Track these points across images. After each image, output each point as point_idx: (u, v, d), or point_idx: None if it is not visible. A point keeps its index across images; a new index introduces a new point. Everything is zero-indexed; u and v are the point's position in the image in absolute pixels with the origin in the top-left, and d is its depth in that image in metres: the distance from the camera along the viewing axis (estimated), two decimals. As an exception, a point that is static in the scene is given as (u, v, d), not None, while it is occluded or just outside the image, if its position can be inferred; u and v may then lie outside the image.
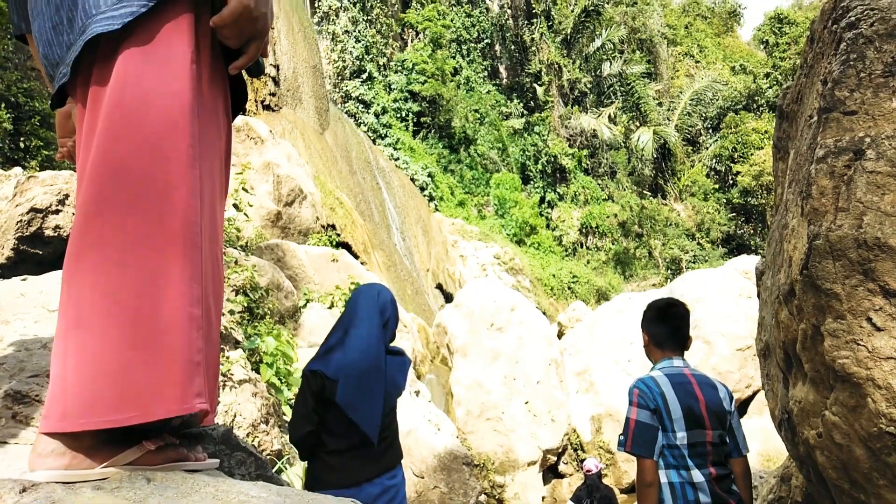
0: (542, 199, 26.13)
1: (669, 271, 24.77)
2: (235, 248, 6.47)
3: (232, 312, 4.86)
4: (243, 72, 1.24)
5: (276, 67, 14.92)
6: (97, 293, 1.02)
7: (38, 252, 3.60)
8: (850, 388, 1.48)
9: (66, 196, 3.72)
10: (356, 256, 11.58)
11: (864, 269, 1.44)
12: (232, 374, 3.98)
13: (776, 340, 2.05)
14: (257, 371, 4.67)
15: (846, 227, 1.47)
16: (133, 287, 1.02)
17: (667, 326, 2.40)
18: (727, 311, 10.48)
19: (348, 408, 2.12)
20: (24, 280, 2.53)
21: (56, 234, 3.63)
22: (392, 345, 2.44)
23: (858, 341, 1.45)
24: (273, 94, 14.67)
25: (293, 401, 5.06)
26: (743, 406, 9.81)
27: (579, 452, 9.69)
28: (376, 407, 2.19)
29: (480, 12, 27.55)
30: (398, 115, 22.00)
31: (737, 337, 10.05)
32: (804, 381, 1.84)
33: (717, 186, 29.01)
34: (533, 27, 27.89)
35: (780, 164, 2.54)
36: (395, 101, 21.96)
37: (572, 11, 28.29)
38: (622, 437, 2.25)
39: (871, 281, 1.43)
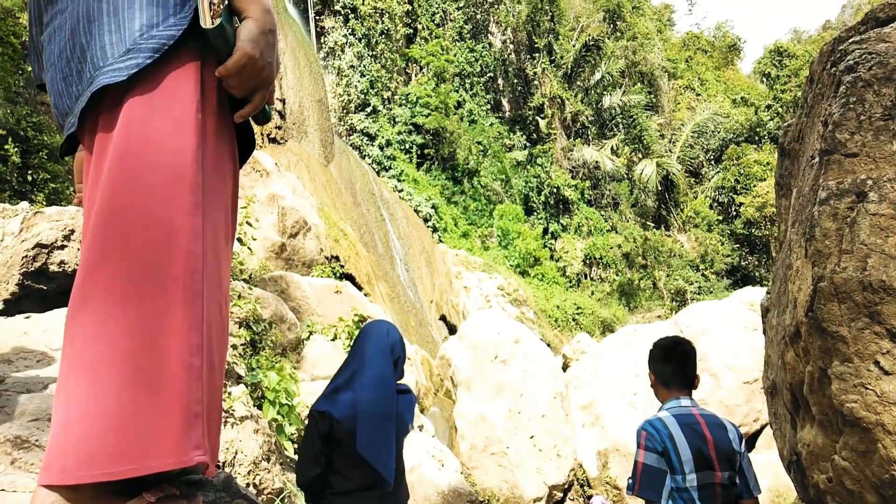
0: (545, 231, 26.17)
1: (674, 303, 24.64)
2: (239, 281, 6.47)
3: (234, 347, 4.84)
4: (250, 119, 1.25)
5: (283, 101, 15.14)
6: (98, 342, 1.02)
7: (42, 287, 3.60)
8: (860, 432, 1.45)
9: (72, 231, 3.74)
10: (360, 288, 11.57)
11: (871, 312, 1.43)
12: (234, 411, 3.94)
13: (783, 381, 2.03)
14: (259, 407, 4.63)
15: (851, 270, 1.46)
16: (134, 337, 1.02)
17: (673, 365, 2.37)
18: (733, 343, 10.37)
19: (365, 451, 2.08)
20: (27, 318, 2.53)
21: (61, 270, 3.64)
22: (399, 382, 2.42)
23: (866, 385, 1.43)
24: (279, 128, 14.85)
25: (295, 436, 5.00)
26: (751, 440, 9.65)
27: (586, 488, 9.51)
28: (391, 448, 2.16)
29: (483, 47, 28.01)
30: (402, 148, 22.21)
31: (743, 370, 9.93)
32: (812, 423, 1.81)
33: (720, 218, 29.03)
34: (535, 61, 28.33)
35: (783, 200, 2.54)
36: (399, 133, 22.20)
37: (573, 46, 28.76)
38: (630, 481, 2.21)
39: (877, 324, 1.42)
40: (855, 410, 1.47)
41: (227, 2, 1.13)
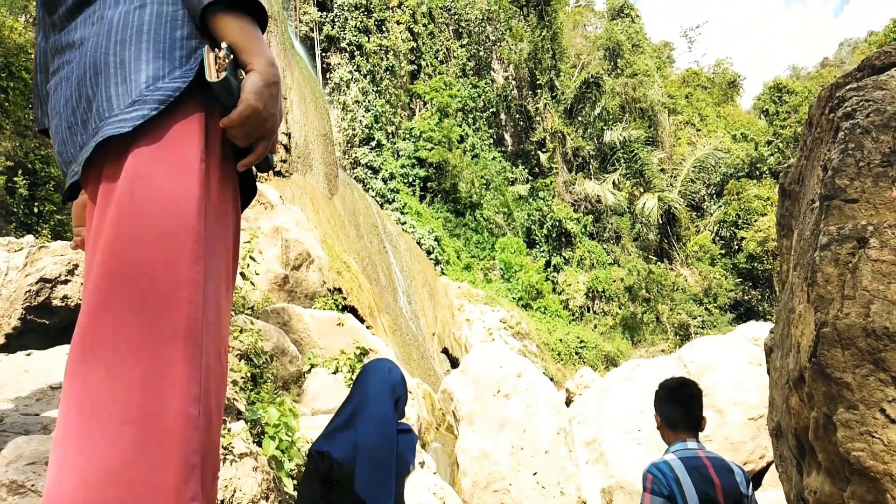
0: (547, 263, 26.18)
1: (678, 337, 24.50)
2: (242, 314, 6.46)
3: (235, 382, 4.81)
4: (252, 166, 1.27)
5: (288, 135, 15.34)
6: (97, 391, 1.02)
7: (44, 322, 3.61)
8: (868, 482, 1.43)
9: (76, 266, 3.76)
10: (362, 320, 11.54)
11: (875, 359, 1.42)
12: (233, 448, 3.90)
13: (787, 426, 2.01)
14: (259, 443, 4.58)
15: (853, 316, 1.46)
16: (133, 387, 1.02)
17: (679, 407, 2.35)
18: (738, 379, 10.27)
19: (364, 492, 2.05)
20: (28, 355, 2.52)
21: (64, 304, 3.65)
22: (400, 422, 2.39)
23: (873, 433, 1.41)
24: (284, 161, 15.01)
25: (294, 472, 4.94)
26: (758, 477, 9.48)
27: (589, 528, 9.31)
28: (390, 490, 2.12)
29: (486, 83, 28.45)
30: (406, 181, 22.40)
31: (749, 406, 9.81)
32: (819, 470, 1.79)
33: (722, 252, 29.05)
34: (537, 97, 28.75)
35: (785, 240, 2.55)
36: (402, 167, 22.41)
37: (574, 82, 29.24)
38: None
39: (882, 371, 1.41)
40: (862, 459, 1.45)
41: (232, 56, 1.16)
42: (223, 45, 1.16)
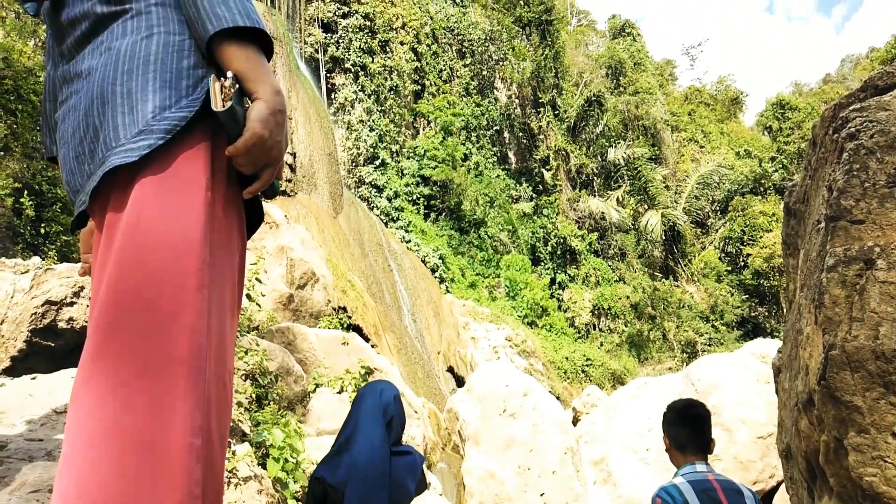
0: (552, 281, 26.12)
1: (685, 354, 24.34)
2: (246, 334, 6.46)
3: (240, 405, 4.79)
4: (258, 193, 1.28)
5: (293, 155, 15.45)
6: (101, 422, 1.02)
7: (50, 344, 3.61)
8: (881, 508, 1.41)
9: (82, 288, 3.78)
10: (367, 339, 11.52)
11: (885, 382, 1.40)
12: (237, 471, 3.87)
13: (797, 449, 1.98)
14: (263, 465, 4.55)
15: (862, 338, 1.45)
16: (137, 415, 1.02)
17: (687, 429, 2.33)
18: (746, 396, 10.16)
19: None
20: (33, 379, 2.52)
21: (69, 327, 3.66)
22: (404, 444, 2.37)
23: (885, 458, 1.39)
24: (289, 181, 15.10)
25: (299, 493, 4.90)
26: (767, 498, 9.34)
27: (598, 550, 9.18)
28: None
29: (489, 102, 28.64)
30: (410, 199, 22.47)
31: (757, 424, 9.69)
32: (830, 495, 1.76)
33: (728, 268, 28.95)
34: (540, 116, 28.92)
35: (791, 259, 2.54)
36: (407, 185, 22.50)
37: (576, 101, 29.41)
38: None
39: (892, 394, 1.39)
40: (875, 485, 1.43)
41: (237, 85, 1.17)
42: (229, 74, 1.17)
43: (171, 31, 1.22)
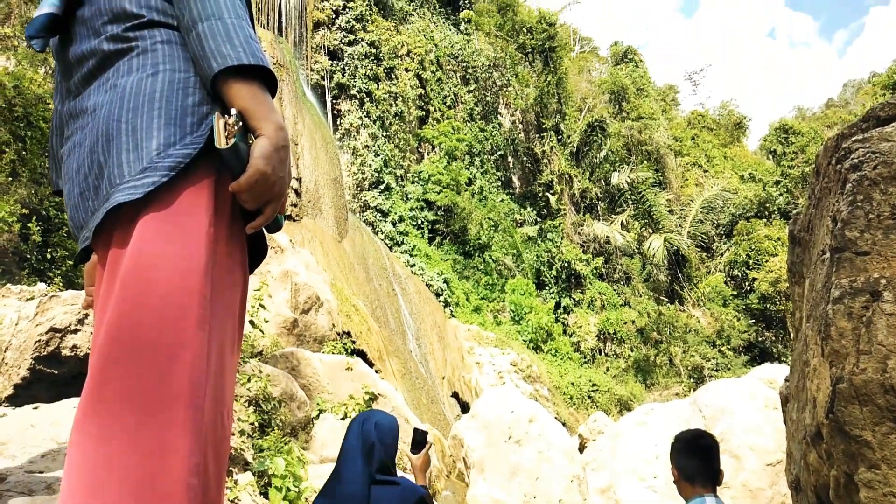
0: (557, 305, 26.02)
1: (692, 380, 24.11)
2: (250, 360, 6.44)
3: (243, 433, 4.76)
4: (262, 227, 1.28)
5: (299, 180, 15.55)
6: (100, 460, 1.02)
7: (53, 372, 3.60)
8: (894, 546, 1.38)
9: (86, 315, 3.78)
10: (371, 364, 11.46)
11: (895, 416, 1.38)
12: (239, 501, 3.83)
13: (807, 482, 1.95)
14: (265, 495, 4.50)
15: (870, 372, 1.43)
16: (134, 456, 1.02)
17: (696, 460, 2.30)
18: (754, 423, 10.03)
19: None
20: (35, 408, 2.51)
21: (73, 354, 3.65)
22: (401, 475, 2.34)
23: (897, 495, 1.37)
24: (295, 205, 15.18)
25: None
26: (779, 528, 9.16)
27: (606, 582, 8.99)
28: None
29: (493, 127, 28.87)
30: (414, 224, 22.53)
31: (766, 451, 9.54)
32: (843, 531, 1.73)
33: (734, 293, 28.80)
34: (543, 140, 29.12)
35: (797, 287, 2.53)
36: (411, 209, 22.58)
37: (580, 126, 29.65)
38: None
39: (903, 429, 1.37)
40: (887, 522, 1.40)
41: (241, 122, 1.18)
42: (233, 111, 1.19)
43: (176, 68, 1.24)
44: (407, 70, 24.21)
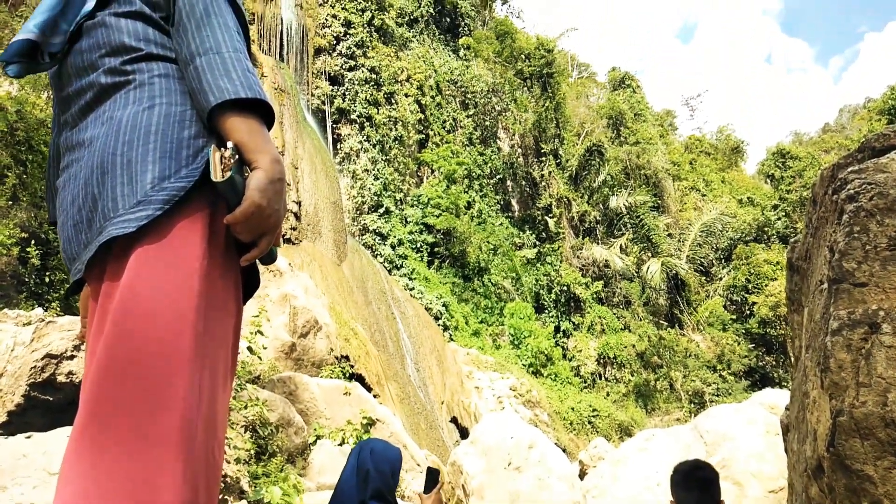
0: (557, 329, 25.92)
1: (692, 405, 23.92)
2: (247, 385, 6.39)
3: (238, 461, 4.70)
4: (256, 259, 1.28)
5: (299, 204, 15.61)
6: (90, 496, 1.00)
7: (48, 398, 3.57)
8: (899, 584, 1.35)
9: (83, 341, 3.74)
10: (369, 389, 11.39)
11: (896, 451, 1.37)
12: (234, 530, 3.76)
13: (811, 517, 1.92)
14: (261, 524, 4.42)
15: (870, 405, 1.42)
16: (126, 491, 1.01)
17: (695, 492, 2.27)
18: (756, 449, 9.93)
19: None
20: (28, 437, 2.49)
21: (68, 381, 3.62)
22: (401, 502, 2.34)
23: (901, 531, 1.34)
24: (294, 229, 15.21)
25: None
26: (783, 557, 9.01)
27: None
28: None
29: (492, 151, 29.07)
30: (414, 247, 22.55)
31: (768, 478, 9.44)
32: (846, 567, 1.70)
33: (734, 317, 28.72)
34: (542, 165, 29.31)
35: (796, 316, 2.52)
36: (410, 233, 22.62)
37: (578, 150, 29.87)
38: None
39: (905, 464, 1.35)
40: (890, 560, 1.38)
41: (237, 155, 1.19)
42: (229, 144, 1.19)
43: (172, 101, 1.25)
44: (407, 95, 24.46)
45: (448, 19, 30.13)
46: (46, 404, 3.64)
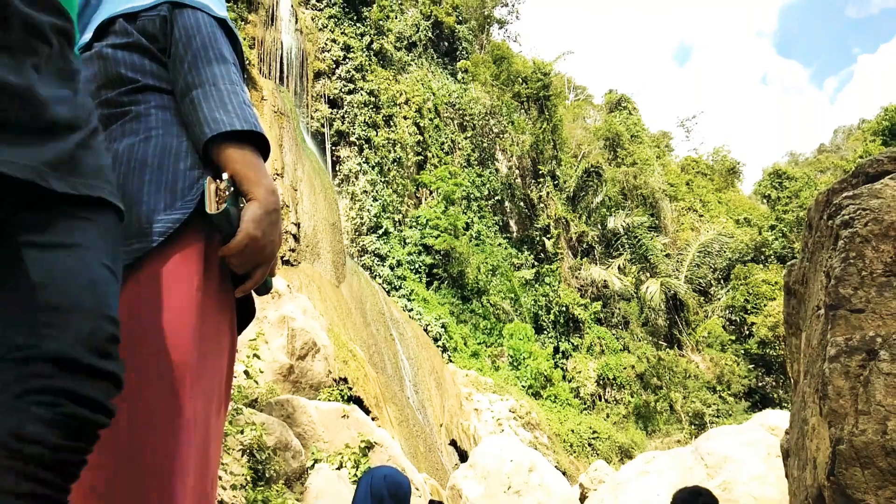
0: (556, 350, 25.82)
1: (693, 426, 23.75)
2: (244, 409, 6.35)
3: (235, 486, 4.65)
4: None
5: (297, 225, 15.63)
6: None
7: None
8: None
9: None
10: (367, 411, 11.29)
11: (897, 479, 1.36)
12: (230, 558, 3.71)
13: (813, 545, 1.90)
14: (257, 551, 4.36)
15: (870, 433, 1.41)
16: None
17: None
18: (758, 471, 9.86)
19: None
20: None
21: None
22: None
23: (903, 561, 1.33)
24: (293, 250, 15.21)
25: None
26: (787, 583, 8.88)
27: None
28: None
29: (490, 173, 29.24)
30: (412, 268, 22.54)
31: (770, 500, 9.36)
32: None
33: (733, 337, 28.66)
34: (540, 186, 29.46)
35: (794, 339, 2.52)
36: (409, 254, 22.63)
37: (575, 171, 30.06)
38: None
39: (906, 492, 1.35)
40: (893, 590, 1.36)
41: (232, 187, 1.19)
42: (224, 176, 1.19)
43: (169, 133, 1.25)
44: (405, 118, 24.65)
45: (446, 43, 30.50)
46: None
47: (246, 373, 6.67)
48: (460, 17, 31.26)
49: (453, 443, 16.64)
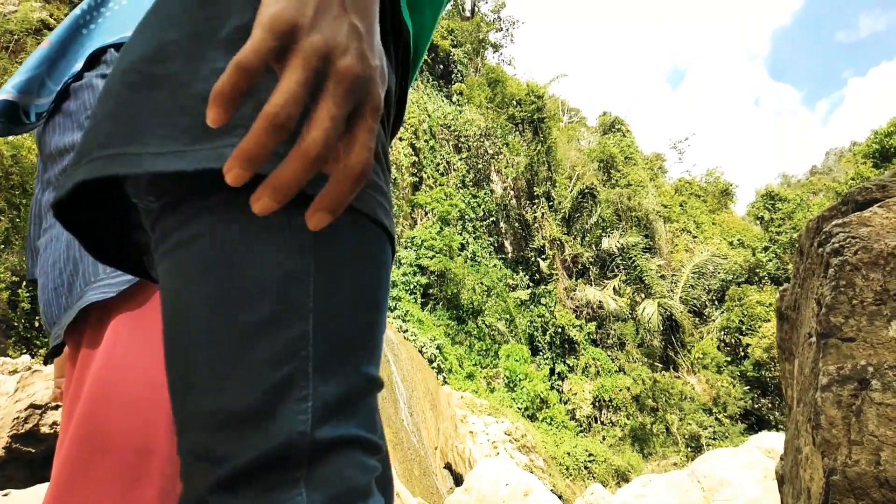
0: (552, 371, 25.72)
1: (689, 448, 23.60)
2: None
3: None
4: None
5: (291, 246, 15.61)
6: None
7: (31, 450, 3.48)
8: None
9: (58, 401, 3.68)
10: (361, 436, 11.16)
11: (892, 512, 1.35)
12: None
13: (809, 577, 1.88)
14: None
15: (863, 464, 1.41)
16: None
17: None
18: (755, 495, 9.77)
19: None
20: (6, 495, 2.42)
21: (52, 431, 3.54)
22: None
23: None
24: (286, 272, 15.18)
25: None
26: None
27: None
28: None
29: (485, 194, 29.38)
30: (407, 289, 22.51)
31: (767, 526, 9.26)
32: None
33: (728, 359, 28.62)
34: (535, 207, 29.59)
35: (787, 364, 2.52)
36: (404, 275, 22.62)
37: (570, 193, 30.23)
38: None
39: (901, 525, 1.34)
40: None
41: None
42: None
43: None
44: (401, 139, 24.81)
45: (441, 66, 30.84)
46: (28, 457, 3.54)
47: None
48: (455, 41, 31.66)
49: (448, 466, 16.46)
